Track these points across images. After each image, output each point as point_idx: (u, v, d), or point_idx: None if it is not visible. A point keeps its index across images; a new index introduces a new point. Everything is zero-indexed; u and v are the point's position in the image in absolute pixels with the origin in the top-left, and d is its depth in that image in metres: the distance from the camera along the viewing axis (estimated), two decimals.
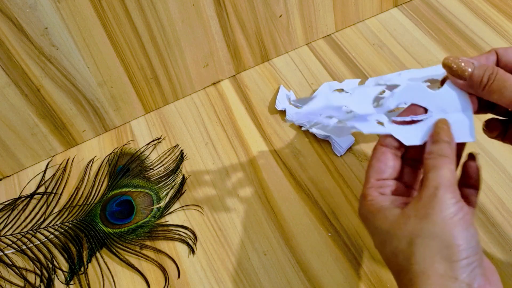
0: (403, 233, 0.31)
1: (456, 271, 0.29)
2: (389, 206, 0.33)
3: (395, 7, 0.69)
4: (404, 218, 0.31)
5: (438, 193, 0.31)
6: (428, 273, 0.29)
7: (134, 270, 0.49)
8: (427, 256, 0.30)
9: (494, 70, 0.33)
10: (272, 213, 0.51)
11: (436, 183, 0.31)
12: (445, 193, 0.31)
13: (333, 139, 0.54)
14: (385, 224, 0.32)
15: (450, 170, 0.32)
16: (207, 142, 0.58)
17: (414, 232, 0.31)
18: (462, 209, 0.30)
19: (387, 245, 0.32)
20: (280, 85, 0.61)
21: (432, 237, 0.30)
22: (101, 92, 0.57)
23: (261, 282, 0.47)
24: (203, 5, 0.56)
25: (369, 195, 0.34)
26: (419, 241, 0.30)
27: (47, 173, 0.58)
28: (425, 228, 0.30)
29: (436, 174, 0.32)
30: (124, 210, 0.53)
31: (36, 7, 0.48)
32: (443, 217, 0.30)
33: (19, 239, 0.53)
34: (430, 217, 0.30)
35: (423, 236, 0.30)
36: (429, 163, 0.33)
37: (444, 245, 0.30)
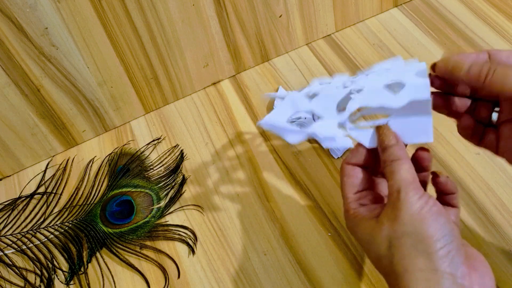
0: (381, 239, 0.32)
1: (436, 263, 0.30)
2: (368, 216, 0.35)
3: (395, 7, 0.69)
4: (379, 225, 0.33)
5: (400, 196, 0.32)
6: (410, 270, 0.30)
7: (134, 270, 0.49)
8: (406, 254, 0.31)
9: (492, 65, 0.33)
10: (272, 213, 0.51)
11: (397, 187, 0.32)
12: (407, 193, 0.32)
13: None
14: (366, 233, 0.34)
15: (406, 170, 0.33)
16: (207, 142, 0.58)
17: (390, 235, 0.32)
18: (427, 203, 0.32)
19: (371, 252, 0.33)
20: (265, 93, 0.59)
21: (406, 235, 0.31)
22: (101, 92, 0.57)
23: (261, 282, 0.47)
24: (203, 5, 0.56)
25: (351, 208, 0.36)
26: (395, 242, 0.32)
27: (47, 173, 0.58)
28: (398, 229, 0.32)
29: (395, 179, 0.33)
30: (124, 210, 0.53)
31: (36, 7, 0.48)
32: (410, 215, 0.31)
33: (19, 239, 0.53)
34: (399, 218, 0.32)
35: (397, 237, 0.31)
36: (386, 171, 0.34)
37: (418, 240, 0.31)
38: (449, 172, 0.51)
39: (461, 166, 0.51)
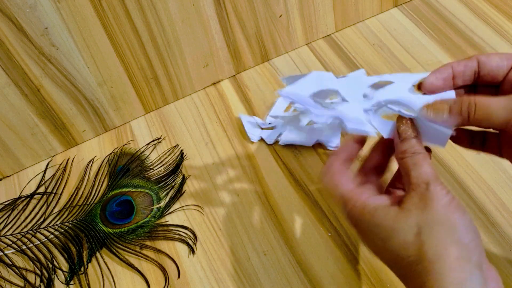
0: (409, 225, 0.32)
1: (469, 253, 0.30)
2: (385, 204, 0.34)
3: (395, 7, 0.69)
4: (405, 212, 0.32)
5: (430, 188, 0.32)
6: (444, 257, 0.30)
7: (134, 270, 0.49)
8: (439, 242, 0.30)
9: (470, 101, 0.33)
10: (272, 213, 0.51)
11: (425, 180, 0.32)
12: (436, 186, 0.32)
13: (322, 140, 0.54)
14: (387, 220, 0.33)
15: (429, 165, 0.33)
16: (207, 142, 0.58)
17: (419, 222, 0.31)
18: (454, 198, 0.32)
19: (393, 240, 0.32)
20: (239, 114, 0.59)
21: (439, 224, 0.31)
22: (101, 92, 0.57)
23: (261, 282, 0.47)
24: (203, 5, 0.56)
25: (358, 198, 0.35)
26: (426, 230, 0.31)
27: (47, 173, 0.58)
28: (429, 217, 0.31)
29: (420, 172, 0.33)
30: (124, 210, 0.53)
31: (36, 7, 0.48)
32: (442, 205, 0.31)
33: (19, 239, 0.53)
34: (430, 207, 0.31)
35: (429, 224, 0.31)
36: (407, 161, 0.34)
37: (451, 229, 0.31)
38: (449, 172, 0.51)
39: (461, 166, 0.51)
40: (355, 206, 0.35)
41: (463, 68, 0.35)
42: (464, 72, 0.36)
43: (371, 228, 0.34)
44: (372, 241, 0.34)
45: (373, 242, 0.34)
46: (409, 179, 0.33)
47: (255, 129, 0.57)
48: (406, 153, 0.34)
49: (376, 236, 0.34)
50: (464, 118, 0.33)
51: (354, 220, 0.35)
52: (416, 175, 0.33)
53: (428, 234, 0.31)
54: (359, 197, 0.35)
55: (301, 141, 0.55)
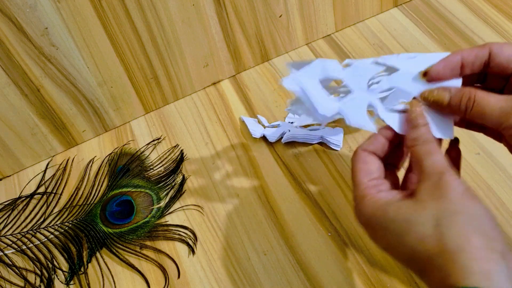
0: (426, 217, 0.30)
1: (492, 242, 0.29)
2: (397, 198, 0.33)
3: (395, 7, 0.69)
4: (420, 204, 0.31)
5: (444, 177, 0.31)
6: (466, 247, 0.28)
7: (134, 270, 0.49)
8: (459, 232, 0.29)
9: (471, 95, 0.33)
10: (272, 213, 0.51)
11: (439, 169, 0.31)
12: (450, 175, 0.31)
13: (325, 138, 0.55)
14: (401, 213, 0.31)
15: (442, 154, 0.32)
16: (207, 142, 0.58)
17: (437, 213, 0.30)
18: (469, 187, 0.31)
19: (410, 234, 0.31)
20: (241, 116, 0.59)
21: (457, 214, 0.29)
22: (101, 92, 0.57)
23: (261, 282, 0.47)
24: (203, 5, 0.56)
25: (368, 194, 0.34)
26: (445, 221, 0.30)
27: (47, 173, 0.58)
28: (447, 207, 0.30)
29: (433, 160, 0.32)
30: (124, 210, 0.53)
31: (36, 7, 0.48)
32: (458, 194, 0.30)
33: (19, 239, 0.53)
34: (446, 196, 0.30)
35: (447, 215, 0.30)
36: (419, 150, 0.33)
37: (470, 219, 0.29)
38: None
39: (461, 166, 0.51)
40: (368, 202, 0.33)
41: (473, 58, 0.35)
42: (474, 63, 0.35)
43: (385, 224, 0.32)
44: (385, 238, 0.33)
45: (386, 239, 0.33)
46: (422, 169, 0.32)
47: (257, 126, 0.58)
48: (417, 141, 0.33)
49: (390, 232, 0.32)
50: (461, 111, 0.33)
51: (365, 218, 0.34)
52: (429, 164, 0.32)
53: (448, 225, 0.29)
54: (371, 191, 0.34)
55: (304, 138, 0.55)
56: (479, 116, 0.33)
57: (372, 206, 0.33)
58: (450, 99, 0.34)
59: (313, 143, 0.55)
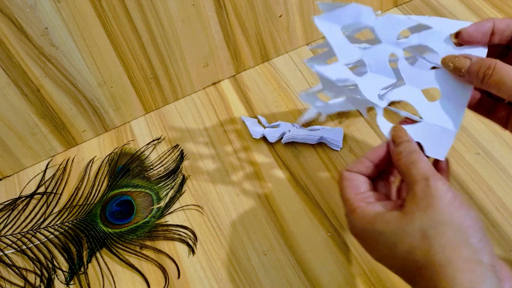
0: (413, 229, 0.30)
1: (479, 254, 0.29)
2: (385, 210, 0.33)
3: (395, 7, 0.69)
4: (408, 215, 0.31)
5: (430, 183, 0.31)
6: (453, 260, 0.29)
7: (134, 270, 0.49)
8: (446, 244, 0.29)
9: (491, 64, 0.33)
10: (272, 213, 0.51)
11: (424, 175, 0.31)
12: (436, 181, 0.31)
13: (325, 139, 0.55)
14: (390, 226, 0.31)
15: (427, 161, 0.32)
16: (207, 142, 0.58)
17: (424, 224, 0.30)
18: (457, 195, 0.31)
19: (399, 246, 0.31)
20: (241, 116, 0.59)
21: (444, 225, 0.29)
22: (101, 92, 0.57)
23: (261, 282, 0.47)
24: (203, 5, 0.56)
25: (357, 207, 0.34)
26: (432, 232, 0.30)
27: (47, 173, 0.58)
28: (433, 218, 0.30)
29: (418, 168, 0.32)
30: (124, 210, 0.53)
31: (36, 7, 0.48)
32: (445, 203, 0.30)
33: (19, 239, 0.53)
34: (433, 206, 0.30)
35: (434, 226, 0.30)
36: (404, 162, 0.33)
37: (457, 229, 0.29)
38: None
39: (461, 166, 0.51)
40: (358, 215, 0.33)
41: (504, 26, 0.35)
42: (504, 31, 0.35)
43: (374, 237, 0.32)
44: (377, 249, 0.33)
45: (378, 250, 0.33)
46: (408, 179, 0.32)
47: (257, 126, 0.58)
48: (401, 154, 0.34)
49: (380, 244, 0.32)
50: (479, 79, 0.33)
51: (356, 230, 0.34)
52: (414, 173, 0.32)
53: (434, 236, 0.29)
54: (360, 204, 0.34)
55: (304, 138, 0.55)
56: (497, 85, 0.32)
57: (361, 219, 0.33)
58: (470, 65, 0.34)
59: (313, 143, 0.55)
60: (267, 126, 0.58)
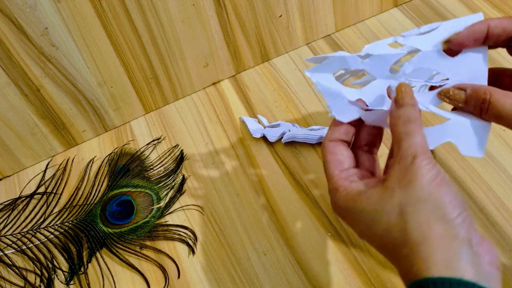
0: (392, 206, 0.30)
1: (455, 229, 0.29)
2: (367, 188, 0.33)
3: (395, 7, 0.69)
4: (388, 192, 0.31)
5: (416, 161, 0.30)
6: (428, 237, 0.29)
7: (134, 270, 0.49)
8: (422, 221, 0.29)
9: (486, 97, 0.32)
10: (272, 213, 0.51)
11: (413, 152, 0.31)
12: (423, 160, 0.30)
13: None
14: (370, 203, 0.31)
15: (422, 136, 0.32)
16: (207, 142, 0.58)
17: (402, 201, 0.30)
18: (440, 172, 0.30)
19: (377, 224, 0.31)
20: (241, 116, 0.59)
21: (422, 202, 0.29)
22: (101, 92, 0.57)
23: (261, 282, 0.47)
24: (203, 5, 0.56)
25: (341, 186, 0.34)
26: (409, 209, 0.30)
27: (47, 173, 0.58)
28: (412, 195, 0.30)
29: (410, 143, 0.31)
30: (124, 210, 0.53)
31: (36, 7, 0.48)
32: (426, 181, 0.30)
33: (19, 239, 0.53)
34: (414, 183, 0.30)
35: (412, 203, 0.30)
36: (399, 130, 0.32)
37: (435, 206, 0.29)
38: (450, 172, 0.51)
39: (461, 166, 0.51)
40: (340, 194, 0.33)
41: (500, 31, 0.34)
42: (500, 36, 0.34)
43: (356, 214, 0.32)
44: (358, 227, 0.33)
45: (359, 228, 0.33)
46: (398, 151, 0.32)
47: (257, 126, 0.58)
48: (399, 119, 0.33)
49: (361, 222, 0.32)
50: (478, 113, 0.33)
51: (339, 209, 0.34)
52: (405, 146, 0.31)
53: (411, 213, 0.29)
54: (343, 183, 0.34)
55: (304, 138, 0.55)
56: (495, 118, 0.32)
57: (344, 198, 0.33)
58: (466, 99, 0.34)
59: (313, 143, 0.55)
60: (267, 126, 0.58)
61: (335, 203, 0.34)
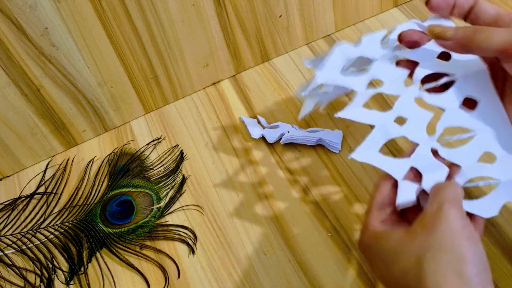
0: (411, 249, 0.30)
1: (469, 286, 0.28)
2: (393, 228, 0.32)
3: (395, 7, 0.69)
4: (410, 235, 0.30)
5: (443, 207, 0.30)
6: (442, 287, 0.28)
7: (134, 270, 0.49)
8: (439, 271, 0.28)
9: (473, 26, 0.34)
10: (272, 213, 0.51)
11: (442, 199, 0.31)
12: (450, 207, 0.30)
13: (324, 140, 0.54)
14: (391, 243, 0.31)
15: (455, 189, 0.32)
16: (207, 142, 0.58)
17: (423, 246, 0.29)
18: (468, 226, 0.30)
19: (395, 264, 0.30)
20: (241, 116, 0.59)
21: (442, 250, 0.29)
22: (101, 92, 0.57)
23: (261, 282, 0.47)
24: (203, 5, 0.56)
25: (371, 224, 0.34)
26: (428, 256, 0.29)
27: (47, 173, 0.58)
28: (434, 241, 0.29)
29: (441, 191, 0.31)
30: (124, 210, 0.53)
31: (36, 7, 0.48)
32: (451, 229, 0.29)
33: (19, 239, 0.53)
34: (437, 229, 0.29)
35: (432, 249, 0.29)
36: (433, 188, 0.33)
37: (455, 258, 0.28)
38: None
39: None
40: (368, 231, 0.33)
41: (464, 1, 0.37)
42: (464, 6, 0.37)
43: (376, 252, 0.32)
44: (376, 266, 0.33)
45: (377, 268, 0.32)
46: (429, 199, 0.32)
47: (257, 127, 0.58)
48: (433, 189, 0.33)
49: (380, 261, 0.32)
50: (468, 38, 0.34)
51: (362, 245, 0.34)
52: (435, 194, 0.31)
53: (430, 260, 0.28)
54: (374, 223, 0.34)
55: (302, 139, 0.55)
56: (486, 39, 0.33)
57: (369, 236, 0.33)
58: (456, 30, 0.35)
59: (312, 145, 0.55)
60: (266, 127, 0.58)
61: (361, 240, 0.34)
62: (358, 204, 0.50)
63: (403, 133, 0.37)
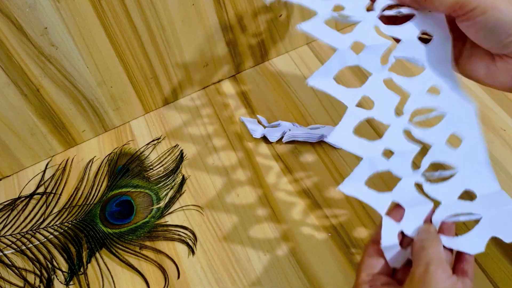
0: None
1: None
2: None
3: None
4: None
5: (429, 269, 0.30)
6: None
7: (134, 270, 0.49)
8: None
9: None
10: (272, 213, 0.51)
11: (427, 260, 0.31)
12: (437, 268, 0.30)
13: (326, 137, 0.54)
14: None
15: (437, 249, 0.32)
16: (207, 142, 0.58)
17: None
18: (456, 284, 0.30)
19: None
20: (241, 117, 0.59)
21: None
22: (100, 92, 0.57)
23: (261, 282, 0.47)
24: (203, 5, 0.56)
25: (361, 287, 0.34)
26: None
27: (46, 173, 0.58)
28: None
29: (426, 253, 0.31)
30: (124, 210, 0.53)
31: (35, 7, 0.47)
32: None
33: (18, 239, 0.53)
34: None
35: None
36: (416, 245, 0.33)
37: None
38: None
39: None
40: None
41: None
42: None
43: None
44: None
45: None
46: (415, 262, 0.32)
47: (257, 126, 0.58)
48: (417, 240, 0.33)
49: None
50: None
51: None
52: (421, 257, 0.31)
53: None
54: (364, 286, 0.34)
55: (304, 137, 0.55)
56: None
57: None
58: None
59: (314, 142, 0.55)
60: (267, 126, 0.58)
61: None
62: (359, 204, 0.50)
63: (389, 167, 0.37)
